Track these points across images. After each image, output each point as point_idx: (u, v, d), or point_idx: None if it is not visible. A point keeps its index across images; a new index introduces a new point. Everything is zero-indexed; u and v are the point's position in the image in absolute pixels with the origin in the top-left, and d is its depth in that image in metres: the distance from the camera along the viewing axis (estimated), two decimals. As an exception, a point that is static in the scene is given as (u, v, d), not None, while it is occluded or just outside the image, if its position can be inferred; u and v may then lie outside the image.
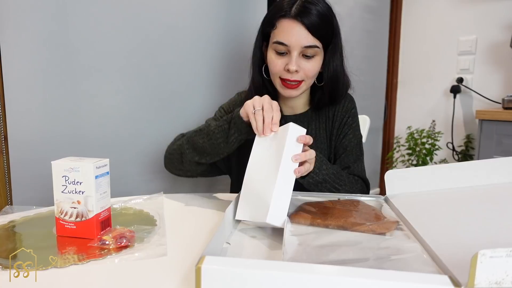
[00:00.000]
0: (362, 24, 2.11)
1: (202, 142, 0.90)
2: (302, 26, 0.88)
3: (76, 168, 0.65)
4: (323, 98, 1.00)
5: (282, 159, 0.68)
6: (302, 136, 0.71)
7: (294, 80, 0.91)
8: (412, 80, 2.42)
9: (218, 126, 0.87)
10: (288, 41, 0.89)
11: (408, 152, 2.25)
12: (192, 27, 1.28)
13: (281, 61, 0.91)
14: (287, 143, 0.69)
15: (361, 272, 0.42)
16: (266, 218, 0.64)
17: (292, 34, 0.88)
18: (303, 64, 0.91)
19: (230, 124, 0.85)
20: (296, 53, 0.89)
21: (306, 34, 0.88)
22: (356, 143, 1.01)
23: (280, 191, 0.66)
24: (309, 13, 0.87)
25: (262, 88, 1.00)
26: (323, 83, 0.98)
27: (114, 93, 1.16)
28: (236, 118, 0.84)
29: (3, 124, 0.99)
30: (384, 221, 0.65)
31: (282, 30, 0.90)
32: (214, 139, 0.87)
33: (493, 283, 0.40)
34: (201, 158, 0.93)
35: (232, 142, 0.85)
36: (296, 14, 0.88)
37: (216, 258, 0.46)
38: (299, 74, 0.91)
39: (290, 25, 0.89)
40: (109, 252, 0.61)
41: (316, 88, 1.01)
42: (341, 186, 0.88)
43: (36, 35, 1.00)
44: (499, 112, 1.71)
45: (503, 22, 2.03)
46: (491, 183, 0.77)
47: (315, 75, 0.95)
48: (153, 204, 0.85)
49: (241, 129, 0.84)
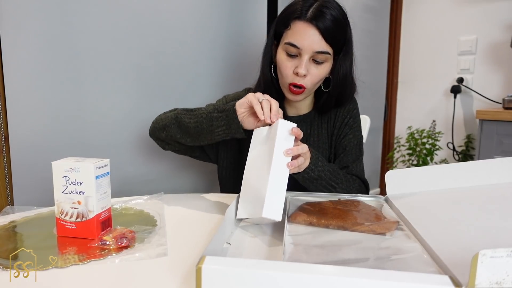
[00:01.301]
0: (362, 24, 2.11)
1: (187, 122, 0.89)
2: (316, 31, 0.86)
3: (77, 169, 0.65)
4: (329, 102, 1.00)
5: (274, 153, 0.69)
6: (291, 129, 0.73)
7: (299, 84, 0.91)
8: (412, 80, 2.42)
9: (209, 112, 0.86)
10: (301, 44, 0.88)
11: (408, 152, 2.25)
12: (193, 28, 1.28)
13: (291, 64, 0.91)
14: (277, 138, 0.71)
15: (362, 272, 0.42)
16: (262, 213, 0.64)
17: (306, 37, 0.87)
18: (312, 69, 0.90)
19: (222, 114, 0.84)
20: (307, 57, 0.88)
21: (319, 39, 0.87)
22: (356, 144, 1.02)
23: (274, 186, 0.67)
24: (325, 18, 0.86)
25: (271, 85, 1.00)
26: (331, 89, 0.98)
27: (115, 93, 1.16)
28: (230, 112, 0.82)
29: (4, 124, 0.99)
30: (385, 221, 0.65)
31: (296, 32, 0.88)
32: (199, 122, 0.86)
33: (493, 283, 0.40)
34: (182, 138, 0.92)
35: (217, 133, 0.85)
36: (312, 18, 0.86)
37: (216, 258, 0.46)
38: (306, 78, 0.91)
39: (305, 28, 0.87)
40: (109, 252, 0.61)
41: (322, 91, 1.01)
42: (337, 184, 0.88)
43: (37, 36, 1.00)
44: (500, 112, 1.71)
45: (503, 22, 2.03)
46: (491, 183, 0.77)
47: (321, 81, 0.95)
48: (153, 205, 0.86)
49: (231, 125, 0.83)
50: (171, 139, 0.96)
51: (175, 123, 0.93)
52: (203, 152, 1.07)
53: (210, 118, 0.85)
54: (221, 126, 0.84)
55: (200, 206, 0.89)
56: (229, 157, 1.06)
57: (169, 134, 0.94)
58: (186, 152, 1.04)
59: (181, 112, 0.93)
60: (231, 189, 1.06)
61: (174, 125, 0.93)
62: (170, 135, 0.94)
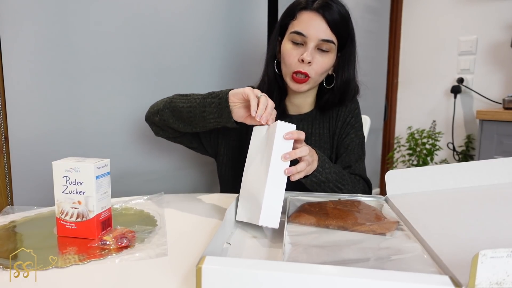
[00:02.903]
0: (362, 24, 2.11)
1: (181, 106, 0.88)
2: (322, 19, 0.89)
3: (77, 169, 0.65)
4: (332, 100, 1.00)
5: (272, 158, 0.67)
6: (289, 133, 0.69)
7: (304, 72, 0.91)
8: (412, 80, 2.42)
9: (203, 97, 0.85)
10: (306, 31, 0.90)
11: (408, 153, 2.25)
12: (193, 28, 1.28)
13: (296, 52, 0.92)
14: (275, 141, 0.68)
15: (362, 272, 0.42)
16: (258, 221, 0.64)
17: (312, 25, 0.90)
18: (317, 57, 0.91)
19: (215, 100, 0.82)
20: (312, 44, 0.90)
21: (325, 28, 0.90)
22: (358, 143, 1.02)
23: (271, 192, 0.66)
24: (331, 8, 0.90)
25: (274, 82, 1.00)
26: (334, 86, 0.98)
27: (114, 93, 1.16)
28: (223, 100, 0.80)
29: (4, 124, 0.99)
30: (385, 221, 0.65)
31: (302, 21, 0.91)
32: (192, 107, 0.85)
33: (493, 283, 0.40)
34: (174, 123, 0.91)
35: (208, 120, 0.83)
36: (318, 7, 0.90)
37: (216, 258, 0.46)
38: (310, 67, 0.91)
39: (311, 17, 0.90)
40: (109, 252, 0.61)
41: (324, 90, 1.01)
42: (344, 185, 0.88)
43: (37, 36, 1.00)
44: (500, 112, 1.71)
45: (503, 22, 2.03)
46: (491, 183, 0.77)
47: (324, 72, 0.95)
48: (153, 205, 0.86)
49: (222, 113, 0.81)
50: (164, 123, 0.93)
51: (169, 107, 0.90)
52: (200, 144, 1.05)
53: (203, 104, 0.84)
54: (213, 114, 0.82)
55: (200, 206, 0.89)
56: (228, 154, 1.05)
57: (162, 118, 0.92)
58: (181, 141, 1.02)
59: (176, 96, 0.92)
60: (231, 187, 1.05)
61: (168, 109, 0.91)
62: (164, 119, 0.92)
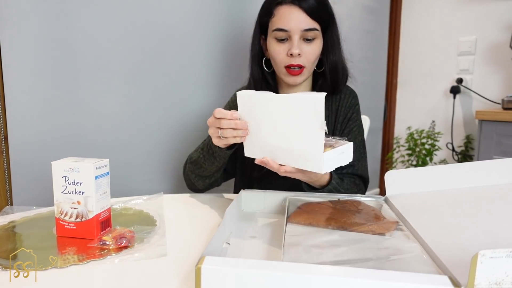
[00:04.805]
0: (362, 24, 2.11)
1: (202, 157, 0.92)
2: (300, 10, 0.89)
3: (76, 169, 0.65)
4: (325, 85, 1.00)
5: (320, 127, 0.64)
6: None
7: (297, 64, 0.91)
8: (412, 80, 2.42)
9: (204, 151, 0.90)
10: (288, 26, 0.90)
11: (408, 153, 2.25)
12: (192, 28, 1.28)
13: (283, 48, 0.92)
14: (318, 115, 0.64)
15: (361, 272, 0.42)
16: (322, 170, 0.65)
17: (291, 18, 0.89)
18: (305, 48, 0.91)
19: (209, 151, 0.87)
20: (297, 37, 0.90)
21: (305, 18, 0.89)
22: (360, 140, 1.02)
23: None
24: None
25: (261, 81, 1.01)
26: (324, 69, 0.99)
27: (114, 94, 1.16)
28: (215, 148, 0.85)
29: (3, 124, 0.99)
30: (384, 221, 0.65)
31: (281, 16, 0.91)
32: (207, 155, 0.89)
33: (493, 283, 0.40)
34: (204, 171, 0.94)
35: (219, 158, 0.87)
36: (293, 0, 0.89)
37: (216, 258, 0.46)
38: (302, 58, 0.92)
39: (288, 10, 0.90)
40: (109, 252, 0.61)
41: (317, 77, 1.02)
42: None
43: (36, 35, 1.00)
44: (499, 112, 1.71)
45: (503, 23, 2.03)
46: (491, 183, 0.77)
47: (316, 59, 0.95)
48: (153, 205, 0.86)
49: (220, 155, 0.85)
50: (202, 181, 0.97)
51: (193, 171, 0.95)
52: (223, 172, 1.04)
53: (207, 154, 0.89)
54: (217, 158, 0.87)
55: (199, 206, 0.89)
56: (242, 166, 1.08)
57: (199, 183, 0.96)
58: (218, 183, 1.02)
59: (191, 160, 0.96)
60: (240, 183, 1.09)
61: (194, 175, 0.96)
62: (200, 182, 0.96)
